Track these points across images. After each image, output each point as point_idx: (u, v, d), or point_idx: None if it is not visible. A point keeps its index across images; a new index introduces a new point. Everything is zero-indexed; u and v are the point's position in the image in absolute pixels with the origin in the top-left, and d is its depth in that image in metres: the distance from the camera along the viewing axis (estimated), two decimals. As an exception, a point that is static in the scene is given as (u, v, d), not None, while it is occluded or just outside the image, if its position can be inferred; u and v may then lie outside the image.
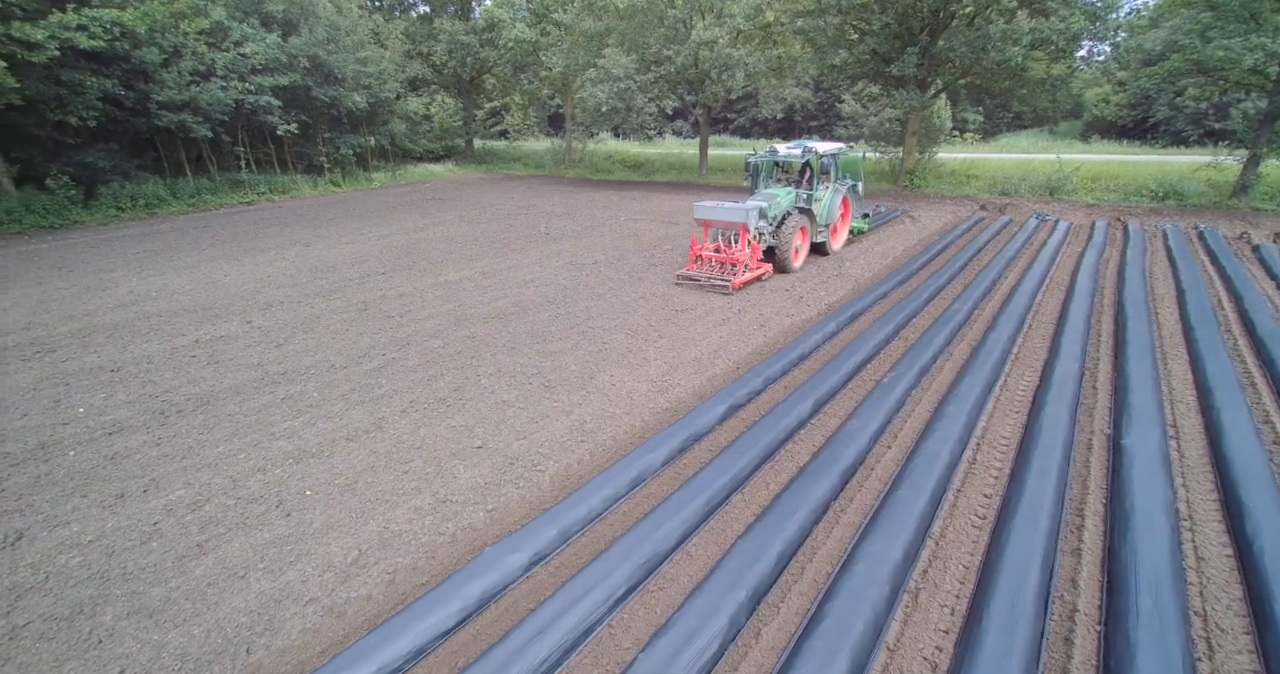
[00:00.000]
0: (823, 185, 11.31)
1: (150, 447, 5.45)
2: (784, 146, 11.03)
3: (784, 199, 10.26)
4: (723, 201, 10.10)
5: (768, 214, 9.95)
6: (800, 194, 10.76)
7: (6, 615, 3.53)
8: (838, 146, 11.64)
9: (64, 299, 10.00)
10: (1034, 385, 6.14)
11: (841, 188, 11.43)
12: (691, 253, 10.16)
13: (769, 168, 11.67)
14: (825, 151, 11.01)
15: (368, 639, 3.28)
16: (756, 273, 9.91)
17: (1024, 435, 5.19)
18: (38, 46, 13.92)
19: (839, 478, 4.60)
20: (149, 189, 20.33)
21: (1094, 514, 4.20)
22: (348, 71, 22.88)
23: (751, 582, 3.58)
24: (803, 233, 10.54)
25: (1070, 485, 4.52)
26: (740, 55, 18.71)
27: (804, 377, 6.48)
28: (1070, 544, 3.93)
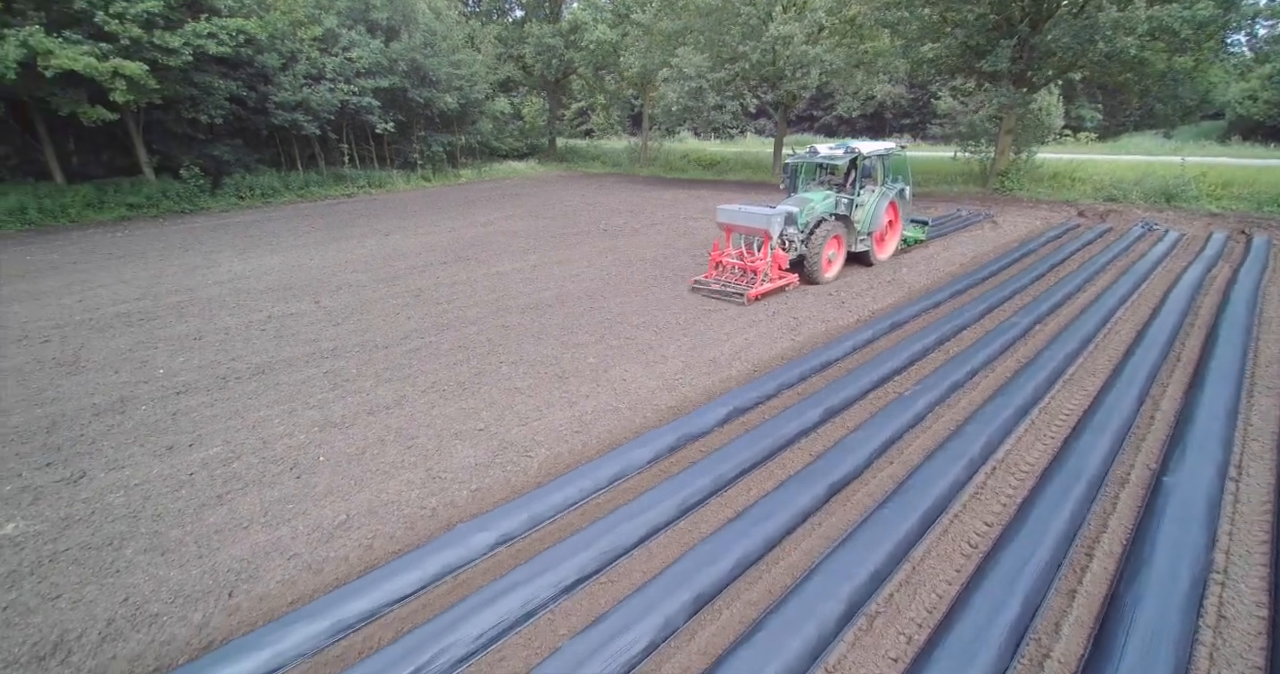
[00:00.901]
0: (868, 189, 10.44)
1: (206, 407, 6.13)
2: (825, 147, 10.19)
3: (819, 204, 9.57)
4: (746, 205, 9.47)
5: (798, 220, 9.29)
6: (841, 199, 9.98)
7: (54, 541, 4.12)
8: (885, 147, 10.64)
9: (176, 275, 11.39)
10: (1080, 410, 5.53)
11: (889, 192, 10.48)
12: (711, 258, 9.69)
13: (809, 170, 10.89)
14: (870, 152, 10.09)
15: (330, 596, 3.54)
16: (778, 284, 9.21)
17: (1051, 463, 4.71)
18: (175, 52, 15.90)
19: (826, 489, 4.39)
20: (265, 180, 22.63)
21: (1106, 555, 3.74)
22: (442, 74, 24.34)
23: (700, 585, 3.51)
24: (837, 241, 9.79)
25: (1088, 522, 4.05)
26: (816, 52, 18.03)
27: (822, 384, 6.21)
28: (1067, 585, 3.53)
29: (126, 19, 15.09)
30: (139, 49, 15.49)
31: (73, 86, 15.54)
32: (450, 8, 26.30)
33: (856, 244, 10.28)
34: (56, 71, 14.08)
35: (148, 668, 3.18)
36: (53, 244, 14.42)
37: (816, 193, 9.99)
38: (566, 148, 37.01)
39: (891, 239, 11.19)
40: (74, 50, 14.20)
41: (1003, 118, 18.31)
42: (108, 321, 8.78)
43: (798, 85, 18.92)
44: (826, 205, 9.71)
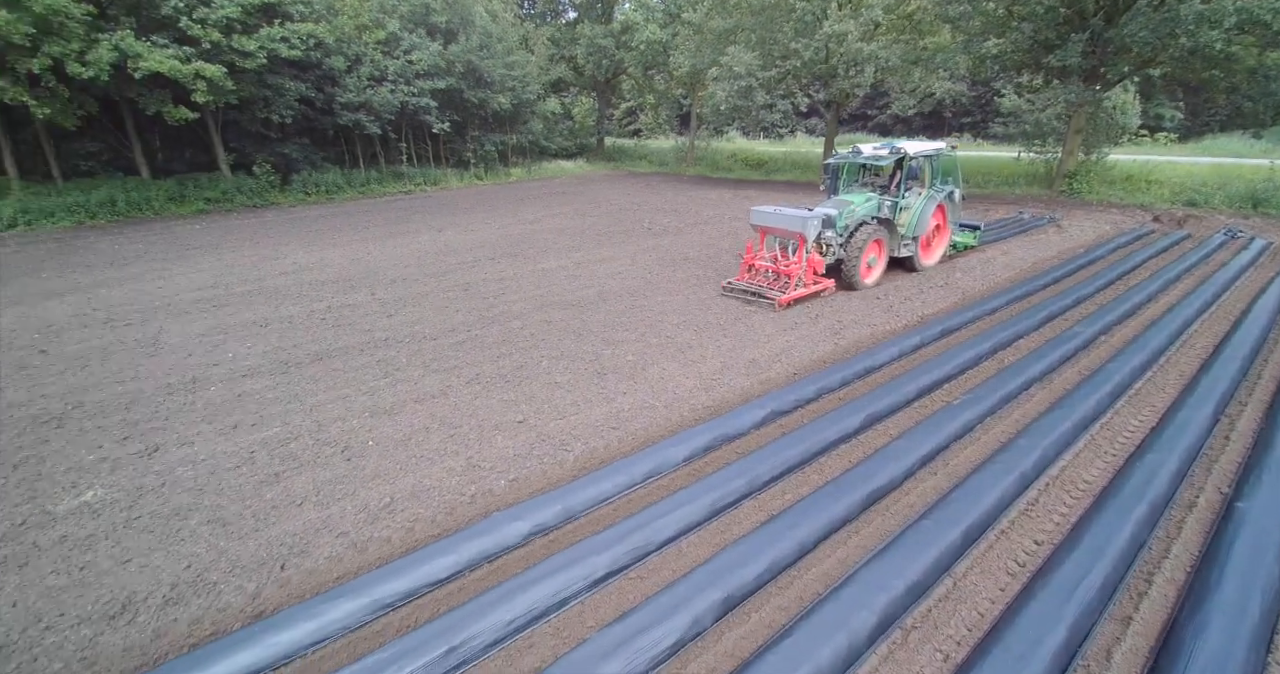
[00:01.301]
0: (914, 192, 9.92)
1: (268, 390, 6.49)
2: (869, 147, 9.70)
3: (861, 206, 9.14)
4: (781, 206, 9.21)
5: (836, 223, 8.90)
6: (884, 201, 9.52)
7: (127, 509, 4.46)
8: (934, 147, 10.07)
9: (245, 266, 12.10)
10: (1147, 427, 5.20)
11: (937, 195, 9.89)
12: (743, 261, 9.42)
13: (852, 171, 10.49)
14: (918, 153, 9.54)
15: (372, 575, 3.70)
16: (813, 289, 8.86)
17: (1110, 482, 4.45)
18: (251, 55, 16.86)
19: (864, 497, 4.29)
20: (330, 178, 23.70)
21: (1167, 581, 3.51)
22: (496, 75, 24.94)
23: (730, 586, 3.49)
24: (878, 246, 9.39)
25: (1149, 546, 3.81)
26: (871, 50, 17.52)
27: (865, 390, 6.06)
28: (1122, 611, 3.33)
29: (208, 24, 16.11)
30: (218, 52, 16.51)
31: (159, 87, 16.71)
32: (506, 10, 26.90)
33: (900, 249, 9.80)
34: (144, 73, 15.17)
35: (205, 632, 3.40)
36: (138, 235, 15.54)
37: (858, 195, 9.59)
38: (614, 147, 37.28)
39: (939, 244, 10.66)
40: (160, 53, 15.26)
41: (1072, 116, 17.34)
42: (184, 307, 9.41)
43: (851, 84, 18.45)
44: (868, 208, 9.28)
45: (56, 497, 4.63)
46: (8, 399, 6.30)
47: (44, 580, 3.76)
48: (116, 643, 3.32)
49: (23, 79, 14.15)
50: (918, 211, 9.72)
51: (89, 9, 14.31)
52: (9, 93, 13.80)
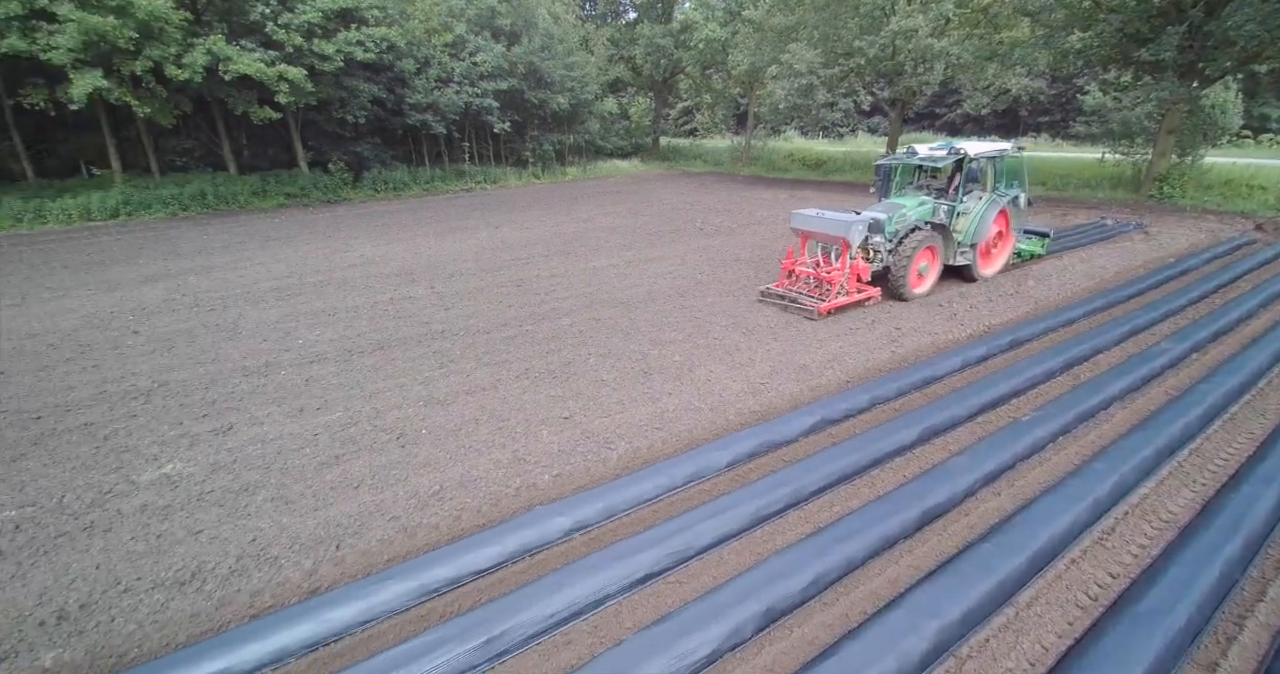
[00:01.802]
0: (974, 195, 9.21)
1: (333, 376, 6.82)
2: (926, 147, 9.19)
3: (913, 211, 8.61)
4: (824, 209, 8.75)
5: (885, 228, 8.38)
6: (940, 206, 8.91)
7: (201, 482, 4.77)
8: (998, 148, 9.29)
9: (318, 257, 12.76)
10: (1243, 456, 4.73)
11: (999, 200, 9.17)
12: (782, 266, 8.99)
13: (906, 173, 9.85)
14: (979, 154, 8.78)
15: (419, 560, 3.81)
16: (856, 298, 8.39)
17: (1199, 515, 4.07)
18: (329, 58, 17.78)
19: (919, 515, 4.09)
20: (397, 175, 24.72)
21: (1261, 627, 3.17)
22: (556, 76, 25.37)
23: (772, 598, 3.40)
24: (930, 253, 8.78)
25: (1242, 586, 3.46)
26: (942, 46, 16.73)
27: (923, 402, 5.79)
28: (1207, 656, 3.04)
29: (291, 28, 17.09)
30: (300, 56, 17.49)
31: (246, 89, 17.86)
32: (568, 11, 27.29)
33: (956, 257, 9.19)
34: (233, 75, 16.24)
35: (265, 603, 3.59)
36: (224, 226, 16.67)
37: (911, 198, 9.02)
38: (669, 147, 37.24)
39: (1001, 253, 9.95)
40: (248, 57, 16.30)
41: (1165, 115, 16.03)
42: (262, 295, 10.01)
43: (919, 81, 17.69)
44: (922, 212, 8.73)
45: (140, 468, 5.00)
46: (103, 375, 6.87)
47: (125, 546, 4.07)
48: (185, 609, 3.55)
49: (127, 81, 15.42)
50: (977, 217, 9.01)
51: (186, 15, 15.44)
52: (115, 93, 15.06)
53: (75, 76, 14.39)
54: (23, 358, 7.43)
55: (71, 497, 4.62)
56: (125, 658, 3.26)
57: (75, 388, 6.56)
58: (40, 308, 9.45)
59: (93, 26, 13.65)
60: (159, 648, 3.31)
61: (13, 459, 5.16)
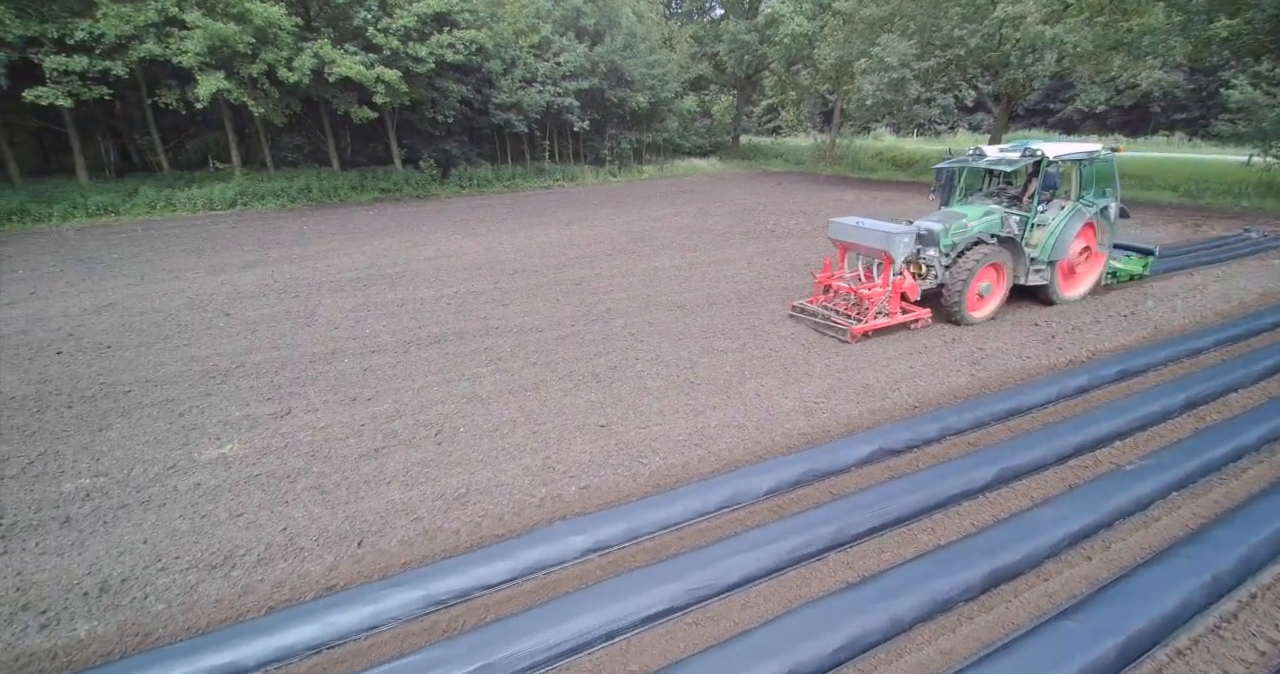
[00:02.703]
0: (1055, 205, 8.03)
1: (389, 367, 6.99)
2: (997, 148, 7.99)
3: (977, 221, 7.54)
4: (867, 219, 7.84)
5: (940, 240, 7.39)
6: (1011, 216, 7.83)
7: (252, 465, 4.96)
8: (1085, 149, 7.93)
9: (398, 250, 13.34)
10: None
11: (1086, 211, 7.91)
12: (817, 280, 8.16)
13: (974, 177, 8.73)
14: (1060, 156, 7.57)
15: (432, 567, 3.72)
16: (901, 319, 7.48)
17: (1361, 609, 3.24)
18: (422, 60, 18.62)
19: (987, 575, 3.52)
20: (482, 172, 25.64)
21: None
22: (637, 74, 25.34)
23: (799, 657, 3.00)
24: (996, 271, 7.63)
25: None
26: (1054, 34, 15.00)
27: (1004, 437, 5.09)
28: None
29: (389, 33, 18.03)
30: (396, 58, 18.43)
31: (347, 90, 19.05)
32: (652, 9, 27.15)
33: (1029, 276, 7.95)
34: (337, 77, 17.35)
35: (283, 596, 3.62)
36: (324, 218, 17.86)
37: (976, 207, 7.96)
38: (750, 145, 36.31)
39: (1089, 272, 8.58)
40: (350, 60, 17.35)
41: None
42: (341, 284, 10.55)
43: (1026, 73, 15.99)
44: (987, 223, 7.61)
45: (203, 446, 5.29)
46: (192, 354, 7.42)
47: (172, 523, 4.27)
48: (211, 593, 3.65)
49: (245, 82, 16.84)
50: (1057, 230, 7.81)
51: (297, 21, 16.65)
52: (234, 94, 16.49)
53: (201, 78, 15.90)
54: (130, 333, 8.19)
55: (139, 470, 4.94)
56: (149, 637, 3.37)
57: (165, 364, 7.12)
58: (154, 288, 10.43)
59: (216, 32, 15.00)
60: (180, 631, 3.41)
61: (99, 429, 5.62)
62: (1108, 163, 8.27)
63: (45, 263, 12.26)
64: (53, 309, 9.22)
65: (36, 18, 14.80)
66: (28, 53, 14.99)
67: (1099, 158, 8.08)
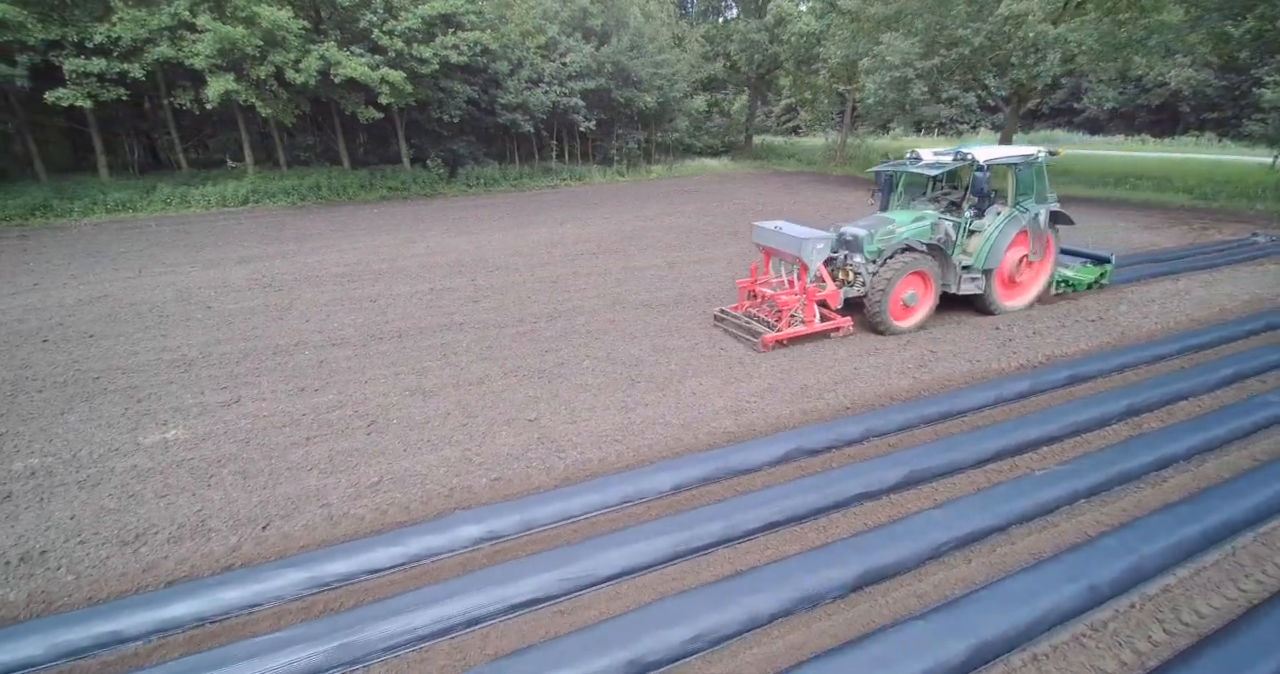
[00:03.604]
0: (993, 211, 7.70)
1: (345, 360, 7.18)
2: (933, 151, 7.72)
3: (908, 226, 7.30)
4: (786, 223, 7.60)
5: (865, 247, 7.18)
6: (946, 223, 7.53)
7: (190, 449, 5.17)
8: (1021, 154, 7.56)
9: (390, 247, 13.62)
10: (1338, 552, 3.61)
11: (1022, 217, 7.57)
12: (741, 287, 7.93)
13: (916, 182, 8.39)
14: (992, 160, 7.25)
15: (322, 551, 3.85)
16: (816, 328, 7.22)
17: (1237, 622, 3.14)
18: (426, 62, 18.95)
19: (858, 575, 3.51)
20: (489, 172, 25.93)
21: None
22: (644, 74, 25.37)
23: (643, 649, 3.04)
24: (921, 280, 7.33)
25: (1262, 732, 2.60)
26: (1058, 33, 14.58)
27: (926, 439, 5.03)
28: None
29: (394, 35, 18.40)
30: (401, 60, 18.79)
31: (354, 91, 19.47)
32: (661, 9, 27.15)
33: (960, 285, 7.60)
34: (342, 78, 17.77)
35: (183, 572, 3.78)
36: (330, 215, 18.31)
37: (907, 213, 7.74)
38: (763, 145, 36.07)
39: (1034, 281, 8.21)
40: (355, 61, 17.75)
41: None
42: (324, 280, 10.84)
43: (1029, 73, 15.58)
44: (917, 230, 7.33)
45: (149, 430, 5.52)
46: (165, 344, 7.72)
47: (101, 501, 4.48)
48: (117, 567, 3.83)
49: (253, 84, 17.36)
50: (991, 238, 7.50)
51: (304, 24, 17.11)
52: (243, 94, 17.02)
53: (211, 80, 16.45)
54: (115, 323, 8.54)
55: (85, 451, 5.19)
56: (53, 604, 3.56)
57: (139, 353, 7.43)
58: (150, 280, 10.86)
59: (225, 35, 15.51)
60: (81, 600, 3.59)
61: (61, 412, 5.91)
62: (1037, 167, 7.73)
63: (56, 256, 12.84)
64: (50, 300, 9.67)
65: (58, 22, 15.49)
66: (49, 56, 15.70)
67: (1036, 162, 7.68)
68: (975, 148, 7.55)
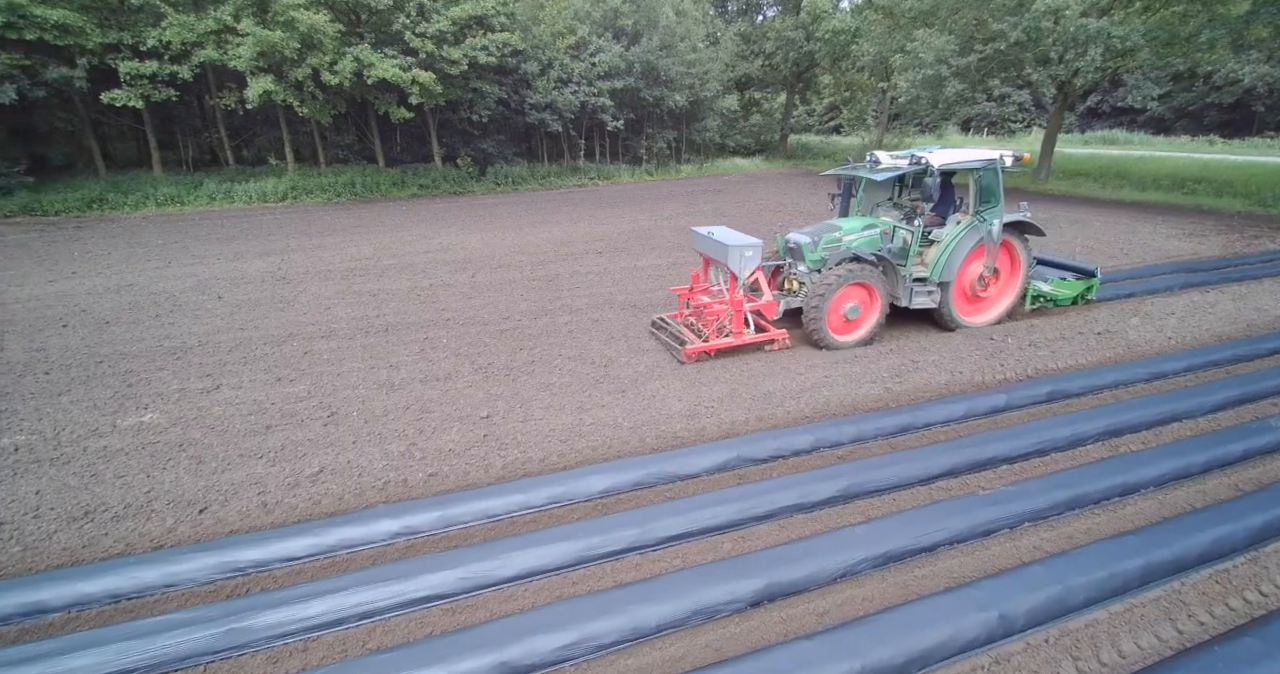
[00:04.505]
0: (954, 220, 7.25)
1: (328, 351, 7.40)
2: (890, 154, 7.26)
3: (856, 235, 6.95)
4: (716, 229, 7.22)
5: (807, 255, 6.86)
6: (901, 231, 7.09)
7: (160, 433, 5.41)
8: (980, 158, 6.94)
9: (405, 243, 13.99)
10: (1304, 598, 3.25)
11: (982, 227, 6.97)
12: (679, 295, 7.62)
13: (880, 186, 7.86)
14: (946, 165, 6.79)
15: (240, 537, 3.96)
16: (748, 340, 6.80)
17: (1165, 663, 2.86)
18: (455, 63, 19.37)
19: (759, 590, 3.37)
20: (517, 171, 26.29)
21: None
22: (674, 73, 25.24)
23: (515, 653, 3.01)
24: (866, 292, 6.84)
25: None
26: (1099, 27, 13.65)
27: (877, 453, 4.80)
28: None
29: (426, 37, 18.87)
30: (431, 61, 19.26)
31: (387, 91, 20.09)
32: (696, 7, 26.93)
33: (913, 298, 7.08)
34: (375, 79, 18.34)
35: (118, 550, 3.96)
36: (359, 212, 18.95)
37: (857, 220, 7.34)
38: (798, 144, 35.36)
39: (1002, 295, 7.62)
40: (388, 62, 18.29)
41: None
42: (333, 274, 11.21)
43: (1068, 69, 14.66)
44: (867, 239, 6.98)
45: (129, 414, 5.81)
46: (169, 332, 8.12)
47: (64, 479, 4.74)
48: (61, 542, 4.04)
49: (292, 85, 18.12)
50: (948, 249, 6.98)
51: (339, 27, 17.74)
52: (281, 95, 17.78)
53: (252, 81, 17.26)
54: (131, 311, 9.05)
55: (67, 431, 5.50)
56: (-5, 575, 3.79)
57: (144, 340, 7.84)
58: (175, 271, 11.47)
59: (264, 39, 16.24)
60: (22, 570, 3.80)
61: (58, 393, 6.29)
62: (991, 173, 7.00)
63: (101, 246, 13.71)
64: (81, 287, 10.33)
65: (115, 26, 16.55)
66: (106, 59, 16.79)
67: (999, 167, 6.97)
68: (930, 150, 7.02)
